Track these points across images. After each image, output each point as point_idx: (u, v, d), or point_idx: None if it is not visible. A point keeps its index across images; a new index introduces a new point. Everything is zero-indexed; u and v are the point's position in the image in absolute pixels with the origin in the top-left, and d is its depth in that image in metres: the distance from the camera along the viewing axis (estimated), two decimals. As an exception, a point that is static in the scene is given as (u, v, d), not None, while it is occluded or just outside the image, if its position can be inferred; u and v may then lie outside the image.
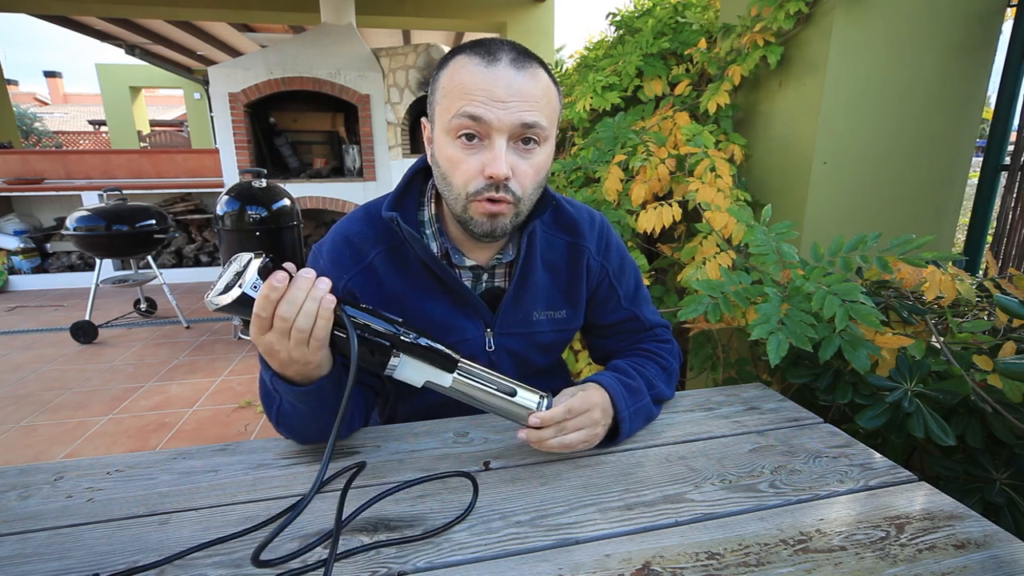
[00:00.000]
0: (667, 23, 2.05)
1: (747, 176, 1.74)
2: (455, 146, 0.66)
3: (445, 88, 0.66)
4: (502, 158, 0.64)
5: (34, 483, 0.66)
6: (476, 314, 0.80)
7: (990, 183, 1.52)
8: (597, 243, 0.85)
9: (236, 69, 4.42)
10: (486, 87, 0.63)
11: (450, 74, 0.66)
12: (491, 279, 0.82)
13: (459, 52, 0.67)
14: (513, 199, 0.68)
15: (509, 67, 0.64)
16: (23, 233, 4.87)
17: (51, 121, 17.90)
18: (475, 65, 0.64)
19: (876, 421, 0.90)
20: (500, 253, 0.80)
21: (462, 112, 0.64)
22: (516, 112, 0.64)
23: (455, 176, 0.68)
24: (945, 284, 1.04)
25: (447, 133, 0.66)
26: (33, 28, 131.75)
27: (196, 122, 11.01)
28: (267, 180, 3.29)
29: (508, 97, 0.63)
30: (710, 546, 0.56)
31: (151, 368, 3.10)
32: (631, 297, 0.88)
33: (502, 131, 0.64)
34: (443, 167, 0.69)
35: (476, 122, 0.64)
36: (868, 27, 1.39)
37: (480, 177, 0.66)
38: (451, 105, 0.65)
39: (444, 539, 0.57)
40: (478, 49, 0.65)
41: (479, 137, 0.65)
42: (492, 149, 0.65)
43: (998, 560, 0.54)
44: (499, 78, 0.63)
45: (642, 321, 0.88)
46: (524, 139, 0.66)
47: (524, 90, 0.64)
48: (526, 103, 0.64)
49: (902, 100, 1.46)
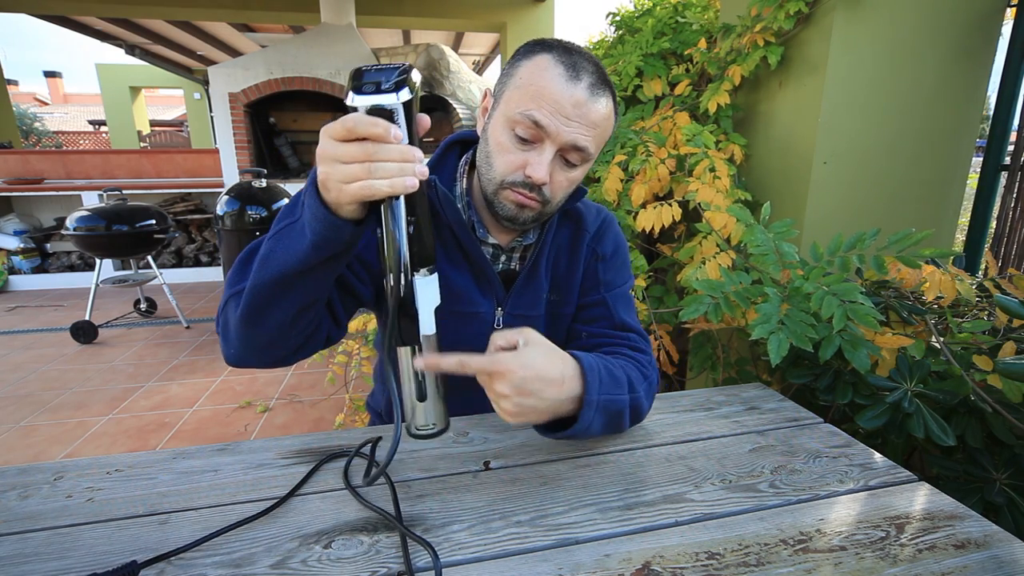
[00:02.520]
0: (667, 23, 2.05)
1: (747, 176, 1.74)
2: (509, 136, 0.69)
3: (522, 79, 0.69)
4: (546, 166, 0.68)
5: (34, 483, 0.66)
6: (491, 290, 0.82)
7: (990, 183, 1.52)
8: (596, 230, 0.88)
9: (236, 69, 4.42)
10: (559, 100, 0.66)
11: (532, 69, 0.68)
12: (508, 261, 0.85)
13: (549, 50, 0.69)
14: (542, 200, 0.72)
15: (586, 90, 0.67)
16: (23, 233, 4.87)
17: (51, 121, 17.91)
18: (558, 75, 0.66)
19: (876, 421, 0.90)
20: (521, 236, 0.83)
21: (528, 113, 0.67)
22: (574, 133, 0.67)
23: (498, 161, 0.71)
24: (945, 284, 1.04)
25: (507, 121, 0.69)
26: (33, 28, 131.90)
27: (196, 122, 11.01)
28: (267, 180, 3.29)
29: (573, 117, 0.67)
30: (710, 546, 0.56)
31: (151, 368, 3.10)
32: (609, 287, 0.86)
33: (556, 142, 0.68)
34: (491, 147, 0.72)
35: (536, 128, 0.67)
36: (868, 27, 1.39)
37: (520, 172, 0.70)
38: (521, 100, 0.68)
39: (444, 539, 0.57)
40: (566, 59, 0.68)
41: (532, 140, 0.69)
42: (540, 154, 0.68)
43: (998, 560, 0.54)
44: (574, 97, 0.66)
45: (611, 311, 0.85)
46: (569, 157, 0.70)
47: (590, 116, 0.68)
48: (585, 128, 0.68)
49: (902, 100, 1.46)
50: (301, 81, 4.47)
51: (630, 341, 0.83)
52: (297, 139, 5.13)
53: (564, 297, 0.87)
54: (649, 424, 0.82)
